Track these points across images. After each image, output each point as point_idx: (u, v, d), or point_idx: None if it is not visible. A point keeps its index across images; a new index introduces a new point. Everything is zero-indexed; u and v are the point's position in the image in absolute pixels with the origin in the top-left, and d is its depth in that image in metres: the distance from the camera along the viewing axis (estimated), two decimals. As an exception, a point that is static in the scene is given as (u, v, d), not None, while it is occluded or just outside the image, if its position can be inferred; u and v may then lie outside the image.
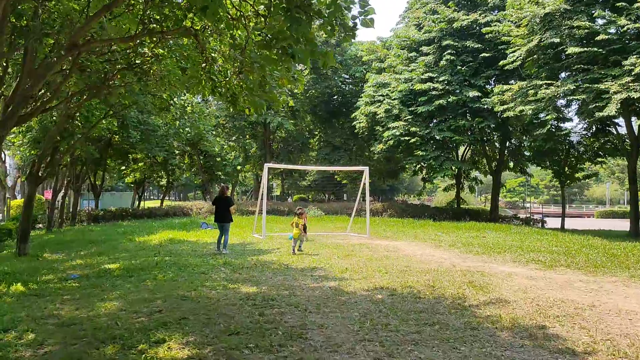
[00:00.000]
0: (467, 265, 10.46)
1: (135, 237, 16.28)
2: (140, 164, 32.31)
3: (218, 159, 35.76)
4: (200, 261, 10.53)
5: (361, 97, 29.15)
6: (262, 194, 16.37)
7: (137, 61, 9.40)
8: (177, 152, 31.87)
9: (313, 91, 34.71)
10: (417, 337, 5.22)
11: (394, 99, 25.98)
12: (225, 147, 35.39)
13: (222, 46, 7.83)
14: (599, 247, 13.64)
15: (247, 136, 38.13)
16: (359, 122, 28.68)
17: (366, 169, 17.60)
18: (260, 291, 7.54)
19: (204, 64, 8.19)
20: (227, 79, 8.27)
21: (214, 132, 30.37)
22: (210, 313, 6.21)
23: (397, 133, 24.88)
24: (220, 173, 37.07)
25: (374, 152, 28.87)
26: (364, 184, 17.55)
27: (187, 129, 27.03)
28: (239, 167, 43.13)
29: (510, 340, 5.07)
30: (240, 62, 6.83)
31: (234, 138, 37.80)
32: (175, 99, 13.90)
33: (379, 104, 26.67)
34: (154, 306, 6.54)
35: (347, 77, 35.82)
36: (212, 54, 8.20)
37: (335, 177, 40.82)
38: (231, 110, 8.32)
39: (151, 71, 9.53)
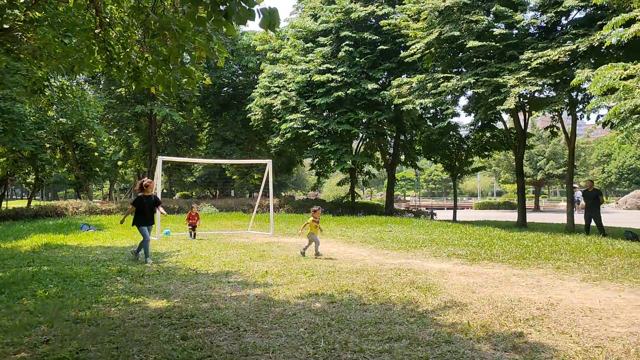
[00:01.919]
0: (392, 262, 9.82)
1: (0, 242, 13.74)
2: (1, 159, 28.30)
3: (95, 154, 32.54)
4: (89, 270, 8.80)
5: (255, 88, 27.91)
6: (156, 191, 14.63)
7: (4, 26, 7.47)
8: (47, 145, 28.34)
9: (203, 82, 32.73)
10: (388, 357, 4.30)
11: (291, 91, 25.10)
12: (104, 140, 32.23)
13: (124, 2, 6.31)
14: (506, 238, 13.81)
15: (130, 129, 35.13)
16: (254, 115, 27.42)
17: (269, 162, 16.53)
18: (173, 305, 6.20)
19: (97, 30, 6.62)
20: (128, 49, 6.78)
21: (97, 122, 27.33)
22: (117, 340, 4.82)
23: (295, 125, 24.05)
24: (98, 169, 33.82)
25: (270, 145, 27.79)
26: (267, 178, 16.45)
27: (62, 119, 23.92)
28: (119, 163, 39.84)
29: (496, 355, 4.33)
30: (155, 24, 5.43)
31: (114, 131, 34.63)
32: (52, 80, 11.65)
33: (275, 95, 25.64)
34: (37, 334, 4.98)
35: (239, 67, 34.27)
36: (107, 17, 6.66)
37: (226, 172, 39.09)
38: (133, 87, 6.82)
39: (24, 39, 7.64)
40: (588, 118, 17.91)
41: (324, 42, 25.32)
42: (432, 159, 28.18)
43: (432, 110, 25.73)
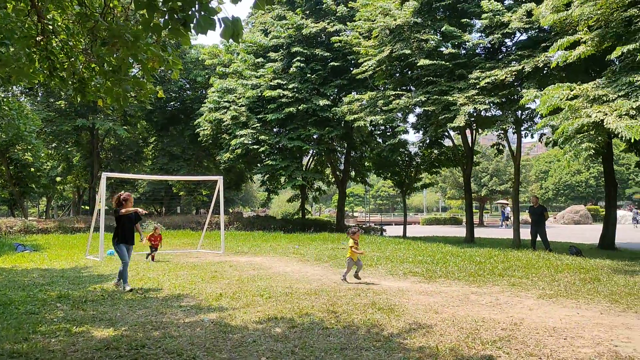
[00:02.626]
0: (349, 281, 9.63)
1: None
2: None
3: (32, 169, 30.84)
4: (25, 295, 8.12)
5: (204, 103, 27.33)
6: (99, 209, 13.91)
7: None
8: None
9: (151, 95, 31.78)
10: (360, 388, 4.07)
11: (242, 106, 24.70)
12: (42, 155, 30.62)
13: (69, 9, 5.87)
14: (459, 254, 13.90)
15: (70, 143, 33.59)
16: (203, 130, 26.79)
17: (220, 179, 16.07)
18: (120, 334, 5.73)
19: (38, 37, 6.14)
20: (73, 59, 6.33)
21: (34, 135, 25.89)
22: (58, 380, 4.36)
23: (245, 141, 23.64)
24: (34, 185, 32.07)
25: (220, 161, 27.18)
26: (218, 194, 15.98)
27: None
28: (58, 179, 38.03)
29: (470, 381, 4.18)
30: (104, 32, 5.04)
31: (53, 145, 33.00)
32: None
33: (225, 110, 25.16)
34: (-36, 377, 4.44)
35: (187, 81, 33.55)
36: (50, 23, 6.19)
37: (173, 188, 37.99)
38: (78, 99, 6.35)
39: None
40: (532, 136, 18.52)
41: (275, 57, 25.15)
42: (382, 175, 28.35)
43: (382, 127, 25.97)
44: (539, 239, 16.70)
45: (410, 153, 26.10)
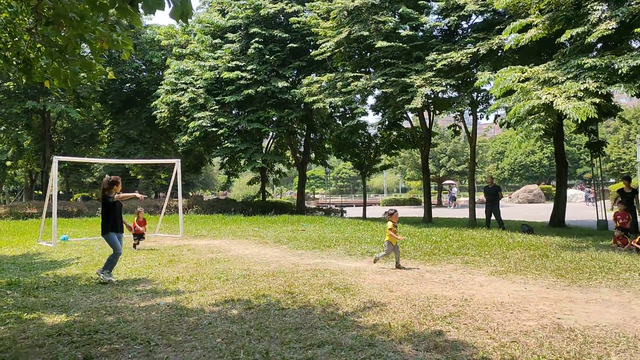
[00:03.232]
0: (308, 263, 9.71)
1: None
2: None
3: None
4: (-29, 285, 7.88)
5: (161, 84, 26.71)
6: (52, 193, 13.53)
7: None
8: None
9: (102, 76, 30.77)
10: (313, 366, 4.14)
11: (199, 88, 24.27)
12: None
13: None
14: (416, 234, 14.19)
15: (20, 126, 32.35)
16: (160, 112, 26.23)
17: (178, 162, 15.84)
18: (73, 320, 5.65)
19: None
20: (17, 38, 6.09)
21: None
22: (7, 367, 4.28)
23: (204, 124, 23.30)
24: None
25: (178, 144, 26.71)
26: (176, 178, 15.76)
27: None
28: (8, 163, 36.70)
29: (419, 356, 4.30)
30: (48, 11, 4.86)
31: (2, 128, 31.71)
32: None
33: (183, 92, 24.68)
34: None
35: (143, 62, 32.68)
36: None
37: (130, 172, 37.19)
38: (24, 81, 6.13)
39: None
40: (487, 118, 18.94)
41: (232, 38, 24.75)
42: (342, 157, 28.50)
43: (341, 109, 26.03)
44: (493, 218, 17.18)
45: (369, 135, 26.28)
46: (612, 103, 20.38)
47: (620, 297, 6.38)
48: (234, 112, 25.73)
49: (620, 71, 10.17)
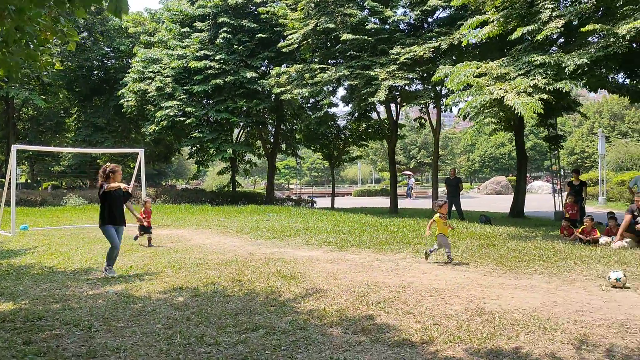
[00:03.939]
0: (264, 252, 9.93)
1: None
2: None
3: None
4: None
5: (128, 73, 26.47)
6: (10, 182, 13.44)
7: None
8: None
9: (69, 63, 30.33)
10: (243, 348, 4.35)
11: (167, 77, 24.15)
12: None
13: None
14: (376, 224, 14.51)
15: (-18, 113, 31.70)
16: (127, 101, 26.02)
17: (141, 151, 15.85)
18: (19, 308, 5.77)
19: None
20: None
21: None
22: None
23: (171, 113, 23.22)
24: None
25: (145, 133, 26.54)
26: (139, 167, 15.76)
27: None
28: (-29, 151, 35.93)
29: (345, 338, 4.57)
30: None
31: (-37, 115, 31.03)
32: None
33: (150, 81, 24.52)
34: None
35: (110, 50, 32.24)
36: None
37: (98, 161, 36.75)
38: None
39: None
40: (450, 111, 19.32)
41: (201, 27, 24.65)
42: (312, 148, 28.73)
43: (312, 100, 26.20)
44: (455, 209, 17.62)
45: (338, 126, 26.53)
46: (572, 98, 21.06)
47: (549, 284, 6.77)
48: (204, 102, 25.67)
49: (566, 69, 10.57)
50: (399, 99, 21.44)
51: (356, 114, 24.16)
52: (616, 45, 10.42)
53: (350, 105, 23.47)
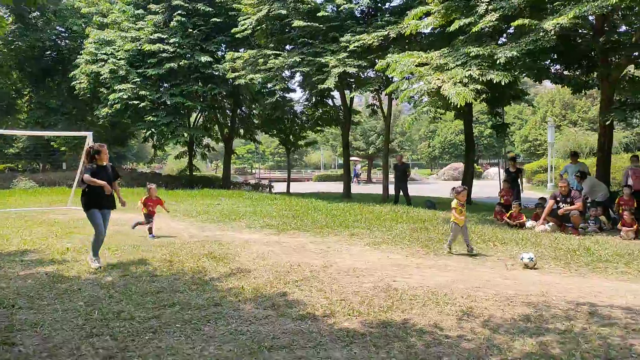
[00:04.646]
0: (205, 234, 10.18)
1: None
2: None
3: None
4: None
5: (81, 54, 25.96)
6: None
7: None
8: None
9: (20, 44, 29.47)
10: (155, 322, 4.65)
11: (120, 59, 23.82)
12: None
13: None
14: (322, 208, 14.89)
15: None
16: (79, 83, 25.56)
17: (89, 134, 15.80)
18: (-55, 289, 5.91)
19: None
20: None
21: None
22: None
23: (125, 96, 22.97)
24: None
25: (98, 116, 26.17)
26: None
27: None
28: None
29: (255, 313, 4.92)
30: None
31: None
32: None
33: (103, 63, 24.13)
34: None
35: (63, 30, 31.45)
36: None
37: (52, 143, 35.97)
38: None
39: None
40: (396, 98, 19.77)
41: (155, 9, 24.32)
42: (269, 133, 28.90)
43: (269, 85, 26.29)
44: (402, 193, 18.17)
45: (295, 111, 26.76)
46: (519, 87, 21.83)
47: (462, 264, 7.28)
48: (159, 85, 25.43)
49: (498, 61, 11.08)
50: (354, 85, 21.79)
51: (313, 100, 24.43)
52: (544, 40, 10.97)
53: (306, 91, 23.72)
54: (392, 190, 19.92)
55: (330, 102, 25.05)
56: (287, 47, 21.40)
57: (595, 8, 9.84)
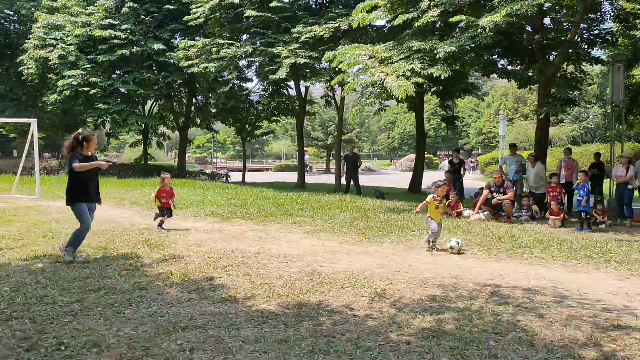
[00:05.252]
0: (147, 223, 10.21)
1: None
2: None
3: None
4: None
5: (29, 38, 25.20)
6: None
7: None
8: None
9: None
10: (77, 306, 4.76)
11: (70, 45, 23.25)
12: None
13: None
14: (270, 197, 15.08)
15: None
16: (27, 68, 24.83)
17: (34, 121, 15.47)
18: None
19: None
20: None
21: None
22: None
23: (74, 82, 22.47)
24: None
25: (47, 103, 25.50)
26: (32, 138, 15.40)
27: None
28: None
29: (178, 296, 5.09)
30: None
31: None
32: None
33: (52, 48, 23.51)
34: None
35: (12, 13, 30.42)
36: None
37: (1, 130, 34.84)
38: None
39: None
40: (342, 89, 20.05)
41: (107, -6, 23.86)
42: (225, 123, 28.81)
43: (225, 74, 26.16)
44: (352, 183, 18.52)
45: (251, 101, 26.75)
46: (470, 81, 22.48)
47: (391, 250, 7.61)
48: (111, 72, 24.95)
49: (437, 55, 11.47)
50: (310, 76, 21.94)
51: (270, 90, 24.48)
52: (482, 36, 11.41)
53: (260, 81, 23.73)
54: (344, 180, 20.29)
55: (286, 92, 25.21)
56: (245, 36, 21.38)
57: (527, 7, 10.31)
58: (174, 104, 28.29)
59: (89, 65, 22.78)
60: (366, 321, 4.36)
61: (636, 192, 11.98)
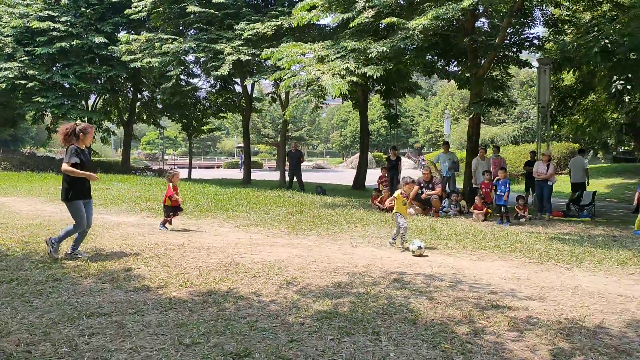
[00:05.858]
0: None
1: None
2: None
3: None
4: None
5: (-36, 28, 24.25)
6: None
7: None
8: None
9: None
10: (-14, 297, 4.81)
11: (7, 36, 22.52)
12: None
13: None
14: (210, 193, 15.15)
15: None
16: (-39, 59, 23.89)
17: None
18: None
19: None
20: None
21: None
22: None
23: (11, 75, 21.79)
24: None
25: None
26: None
27: None
28: None
29: (92, 287, 5.18)
30: None
31: None
32: None
33: (-13, 39, 22.74)
34: None
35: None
36: None
37: None
38: None
39: None
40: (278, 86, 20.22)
41: (46, -15, 23.22)
42: (172, 119, 28.53)
43: (168, 69, 25.88)
44: (295, 180, 18.78)
45: (197, 97, 26.60)
46: (413, 81, 23.14)
47: (315, 242, 7.90)
48: (52, 65, 24.29)
49: (370, 55, 11.85)
50: (256, 72, 21.98)
51: (216, 86, 24.41)
52: (413, 38, 11.85)
53: (206, 78, 23.64)
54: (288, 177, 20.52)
55: (233, 88, 25.18)
56: (192, 31, 21.23)
57: (453, 10, 10.81)
58: (119, 99, 27.80)
59: (26, 58, 22.17)
60: (269, 306, 4.60)
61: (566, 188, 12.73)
